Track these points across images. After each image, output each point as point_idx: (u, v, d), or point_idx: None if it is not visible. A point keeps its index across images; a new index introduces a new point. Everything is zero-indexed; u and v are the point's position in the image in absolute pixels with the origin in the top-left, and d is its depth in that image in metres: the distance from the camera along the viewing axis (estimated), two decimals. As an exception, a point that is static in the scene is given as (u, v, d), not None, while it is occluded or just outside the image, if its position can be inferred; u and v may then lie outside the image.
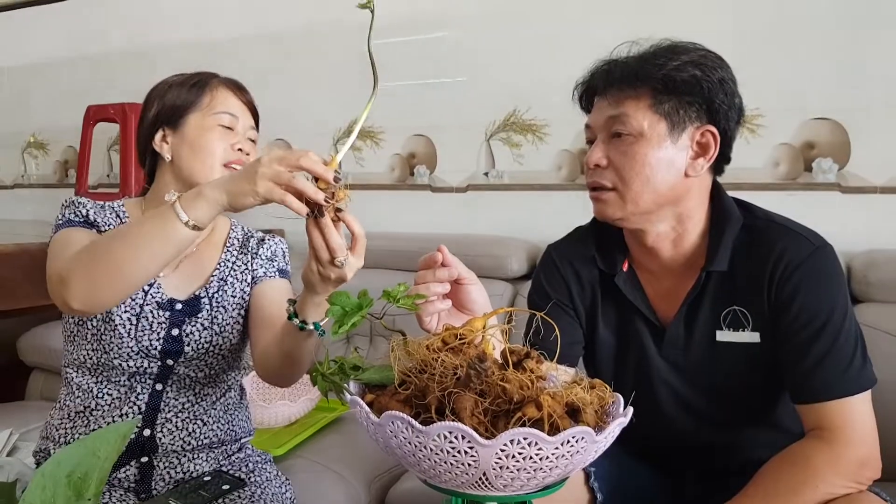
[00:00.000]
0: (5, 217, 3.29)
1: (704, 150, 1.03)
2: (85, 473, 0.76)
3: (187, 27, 2.72)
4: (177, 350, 1.13)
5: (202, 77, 1.18)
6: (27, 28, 3.24)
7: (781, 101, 1.81)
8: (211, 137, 1.13)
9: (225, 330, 1.17)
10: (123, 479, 1.12)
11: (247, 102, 1.19)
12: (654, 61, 1.00)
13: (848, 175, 1.78)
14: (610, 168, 1.03)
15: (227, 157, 1.13)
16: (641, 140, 1.00)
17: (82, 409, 1.14)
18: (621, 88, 1.02)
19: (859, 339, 0.98)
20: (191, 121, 1.14)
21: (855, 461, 0.94)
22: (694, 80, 0.99)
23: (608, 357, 1.15)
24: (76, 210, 1.11)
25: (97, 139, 2.72)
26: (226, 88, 1.17)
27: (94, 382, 1.14)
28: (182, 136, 1.14)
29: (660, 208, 1.03)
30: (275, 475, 1.25)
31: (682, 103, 1.00)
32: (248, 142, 1.17)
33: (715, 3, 1.88)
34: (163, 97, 1.16)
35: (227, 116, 1.14)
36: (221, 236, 1.25)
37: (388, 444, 0.67)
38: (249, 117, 1.19)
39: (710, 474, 1.12)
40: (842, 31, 1.76)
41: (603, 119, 1.04)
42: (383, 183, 2.39)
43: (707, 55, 1.02)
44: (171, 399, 1.15)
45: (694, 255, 1.07)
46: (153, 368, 1.13)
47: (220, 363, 1.19)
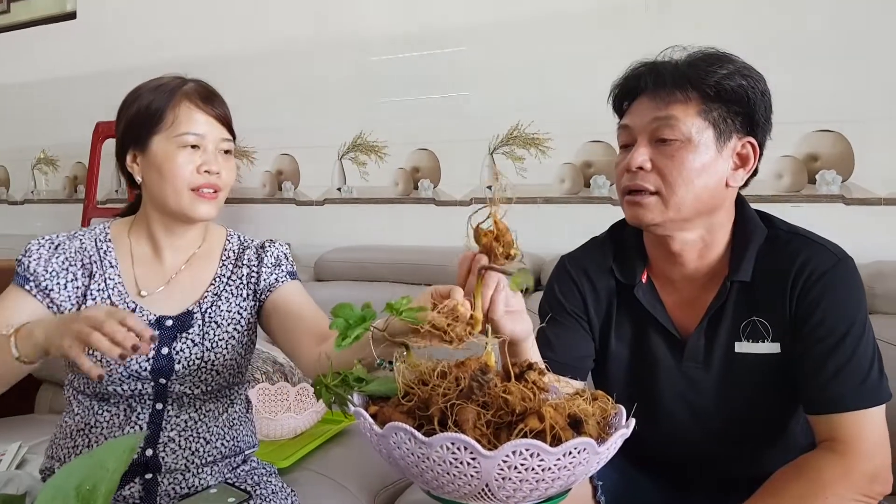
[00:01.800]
0: (16, 232, 3.32)
1: (744, 161, 1.03)
2: (93, 486, 0.77)
3: (194, 44, 2.76)
4: (168, 368, 1.11)
5: (167, 88, 1.11)
6: (38, 45, 3.29)
7: (784, 112, 1.80)
8: (177, 162, 1.08)
9: (217, 346, 1.15)
10: (128, 495, 1.11)
11: (215, 115, 1.12)
12: (706, 67, 1.00)
13: (852, 187, 1.78)
14: (653, 172, 1.01)
15: (193, 182, 1.08)
16: (689, 145, 0.99)
17: (83, 426, 1.13)
18: (671, 91, 1.00)
19: (877, 353, 0.98)
20: (155, 143, 1.09)
21: (866, 475, 0.93)
22: (742, 90, 0.99)
23: (620, 370, 1.13)
24: (27, 265, 1.10)
25: (106, 155, 2.75)
26: (189, 103, 1.10)
27: (96, 402, 1.14)
28: (149, 159, 1.10)
29: (697, 216, 1.03)
30: (280, 487, 1.24)
31: (730, 112, 1.00)
32: (221, 155, 1.12)
33: (719, 17, 1.89)
34: (128, 115, 1.12)
35: (192, 136, 1.09)
36: (217, 249, 1.22)
37: (391, 456, 0.68)
38: (220, 129, 1.12)
39: (719, 488, 1.11)
40: (844, 42, 1.76)
41: (647, 120, 1.01)
42: (387, 196, 2.41)
43: (750, 67, 1.02)
44: (172, 417, 1.13)
45: (717, 265, 1.07)
46: (148, 389, 1.11)
47: (215, 379, 1.16)
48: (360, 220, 2.45)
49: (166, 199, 1.10)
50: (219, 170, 1.10)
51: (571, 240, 1.23)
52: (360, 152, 2.46)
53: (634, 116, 1.04)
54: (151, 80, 1.15)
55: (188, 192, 1.09)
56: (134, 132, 1.11)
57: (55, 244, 1.13)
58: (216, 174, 1.10)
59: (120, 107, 1.15)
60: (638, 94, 1.05)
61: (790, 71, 1.80)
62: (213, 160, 1.10)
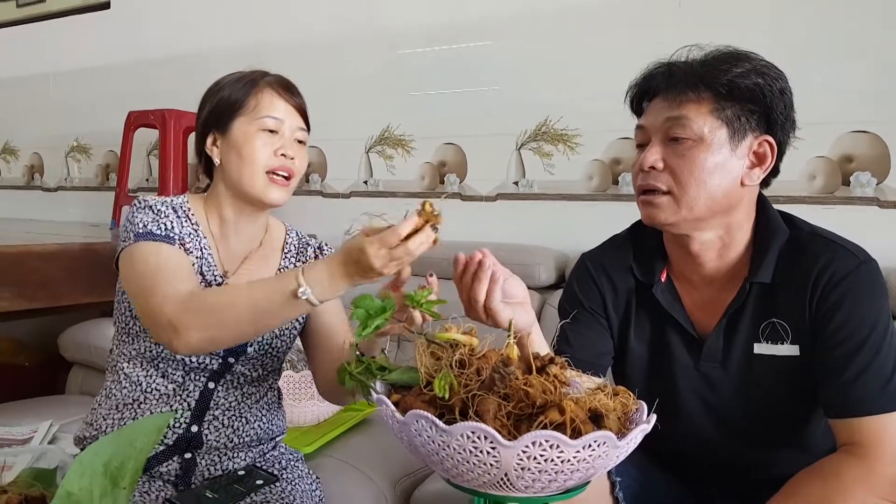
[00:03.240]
0: (49, 218, 3.40)
1: (761, 160, 1.02)
2: (121, 463, 0.79)
3: (225, 35, 2.80)
4: (241, 349, 1.16)
5: (249, 78, 1.16)
6: (72, 36, 3.36)
7: (818, 113, 1.78)
8: (256, 144, 1.12)
9: (284, 333, 1.21)
10: (165, 472, 1.14)
11: (295, 104, 1.17)
12: (719, 66, 0.99)
13: (887, 189, 1.74)
14: (666, 171, 1.01)
15: (270, 164, 1.12)
16: (701, 144, 0.99)
17: (131, 401, 1.16)
18: (683, 91, 1.00)
19: None
20: (237, 126, 1.13)
21: (887, 479, 0.92)
22: (757, 88, 0.98)
23: (639, 368, 1.13)
24: (157, 220, 1.11)
25: (137, 144, 2.80)
26: (272, 91, 1.15)
27: (145, 375, 1.15)
28: (229, 141, 1.14)
29: (713, 215, 1.02)
30: (306, 473, 1.27)
31: (744, 111, 0.99)
32: (296, 144, 1.16)
33: (751, 15, 1.86)
34: (213, 99, 1.17)
35: (272, 120, 1.13)
36: (279, 241, 1.26)
37: (412, 443, 0.69)
38: (297, 118, 1.17)
39: (738, 489, 1.11)
40: (880, 41, 1.73)
41: (660, 120, 1.02)
42: (413, 191, 2.42)
43: (768, 65, 1.01)
44: (220, 398, 1.17)
45: (737, 265, 1.06)
46: (213, 365, 1.15)
47: (273, 363, 1.23)
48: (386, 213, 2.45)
49: (242, 180, 1.13)
50: (294, 155, 1.14)
51: (600, 237, 1.22)
52: (387, 146, 2.47)
53: (649, 116, 1.05)
54: (233, 73, 1.20)
55: (263, 175, 1.12)
56: (217, 115, 1.15)
57: (171, 206, 1.15)
58: (291, 159, 1.14)
59: (204, 96, 1.20)
60: (654, 95, 1.05)
61: (824, 70, 1.77)
62: (290, 145, 1.14)
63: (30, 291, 1.93)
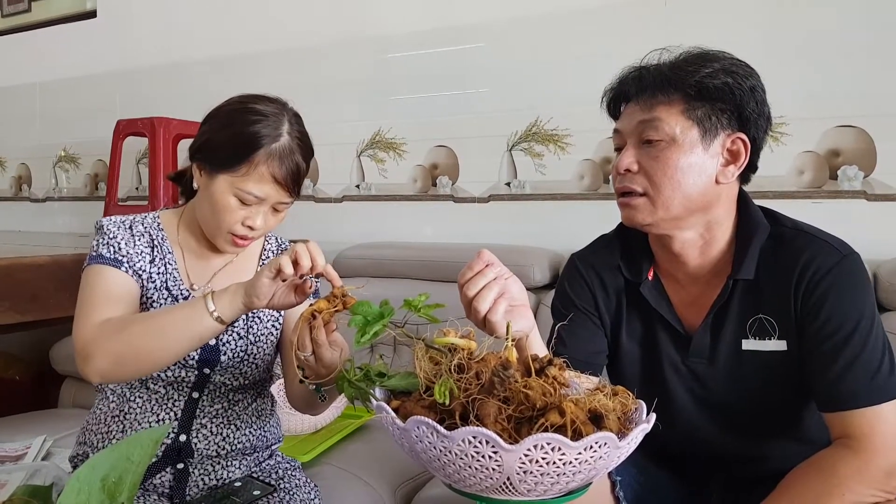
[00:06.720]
0: (38, 229, 3.37)
1: (735, 157, 1.03)
2: (119, 478, 0.78)
3: (214, 42, 2.78)
4: (214, 359, 1.16)
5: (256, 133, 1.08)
6: (59, 45, 3.33)
7: (805, 108, 1.80)
8: (228, 205, 1.09)
9: (260, 340, 1.21)
10: (159, 484, 1.14)
11: (285, 184, 1.11)
12: (687, 68, 1.01)
13: (874, 182, 1.75)
14: (640, 173, 1.03)
15: (234, 230, 1.11)
16: (673, 145, 1.00)
17: (118, 412, 1.17)
18: (653, 94, 1.02)
19: (887, 348, 0.98)
20: (220, 179, 1.10)
21: (882, 470, 0.93)
22: (726, 87, 0.99)
23: (632, 366, 1.15)
24: (108, 242, 1.12)
25: (126, 153, 2.78)
26: (266, 169, 1.08)
27: (129, 388, 1.17)
28: (208, 186, 1.11)
29: (690, 214, 1.03)
30: (304, 482, 1.26)
31: (715, 110, 1.00)
32: (270, 212, 1.13)
33: (740, 12, 1.87)
34: (214, 131, 1.12)
35: (252, 198, 1.09)
36: (257, 248, 1.27)
37: (413, 449, 0.68)
38: (282, 194, 1.12)
39: (735, 484, 1.11)
40: (866, 37, 1.74)
41: (633, 124, 1.04)
42: (406, 194, 2.41)
43: (738, 63, 1.02)
44: (206, 406, 1.18)
45: (720, 263, 1.07)
46: (190, 377, 1.15)
47: (253, 372, 1.22)
48: (379, 217, 2.46)
49: (205, 225, 1.16)
50: (261, 225, 1.12)
51: (592, 236, 1.23)
52: (379, 149, 2.47)
53: (623, 120, 1.07)
54: (252, 104, 1.12)
55: (225, 234, 1.13)
56: (210, 151, 1.12)
57: (128, 225, 1.16)
58: (255, 229, 1.12)
59: (212, 113, 1.15)
60: (628, 99, 1.07)
61: (811, 66, 1.79)
62: (258, 215, 1.12)
63: (21, 304, 1.91)
